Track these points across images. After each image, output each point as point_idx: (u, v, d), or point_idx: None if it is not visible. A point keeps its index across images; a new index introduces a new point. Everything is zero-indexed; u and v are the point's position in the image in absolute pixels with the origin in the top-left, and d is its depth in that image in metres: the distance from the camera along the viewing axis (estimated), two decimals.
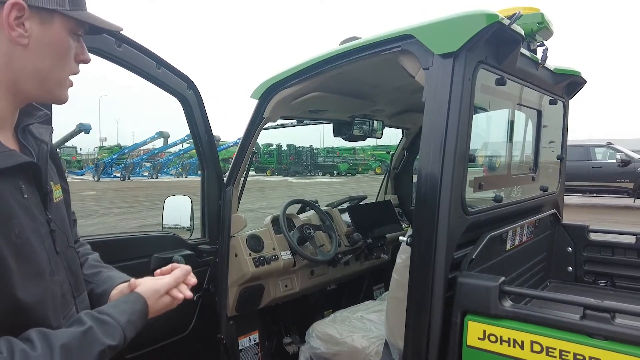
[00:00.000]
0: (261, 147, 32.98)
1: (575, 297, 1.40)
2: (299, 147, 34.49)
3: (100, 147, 41.14)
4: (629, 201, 12.91)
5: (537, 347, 1.35)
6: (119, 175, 26.91)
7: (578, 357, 1.27)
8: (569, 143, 2.70)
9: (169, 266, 1.07)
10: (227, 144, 25.25)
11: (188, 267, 1.06)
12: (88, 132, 22.42)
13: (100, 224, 10.75)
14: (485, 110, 2.31)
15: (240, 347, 2.43)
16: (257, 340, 2.53)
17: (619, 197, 12.94)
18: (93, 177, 26.83)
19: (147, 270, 1.83)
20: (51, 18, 0.82)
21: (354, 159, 36.26)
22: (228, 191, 2.21)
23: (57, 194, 0.95)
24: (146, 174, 28.44)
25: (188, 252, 1.93)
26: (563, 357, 1.29)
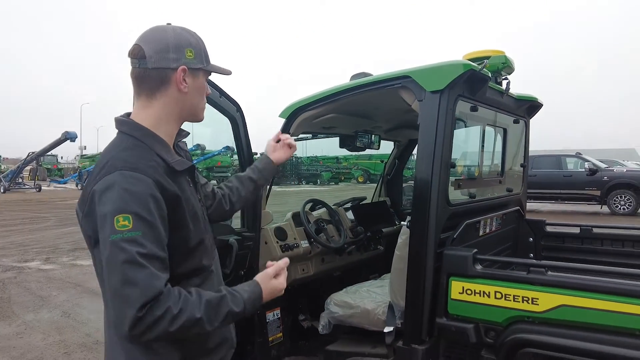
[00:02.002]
0: None
1: (523, 260, 2.01)
2: None
3: (82, 156, 40.82)
4: (597, 207, 13.86)
5: (498, 295, 1.95)
6: None
7: (525, 298, 1.87)
8: (542, 153, 3.36)
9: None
10: (212, 153, 25.20)
11: (286, 260, 1.41)
12: (74, 141, 22.46)
13: None
14: (465, 127, 2.93)
15: (267, 320, 2.97)
16: (280, 316, 3.07)
17: (588, 204, 13.88)
18: (77, 186, 26.82)
19: None
20: (198, 73, 1.29)
21: (337, 167, 36.92)
22: (260, 191, 2.77)
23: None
24: None
25: (237, 237, 2.48)
26: (515, 299, 1.89)
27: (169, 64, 1.25)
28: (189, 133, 1.51)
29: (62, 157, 40.40)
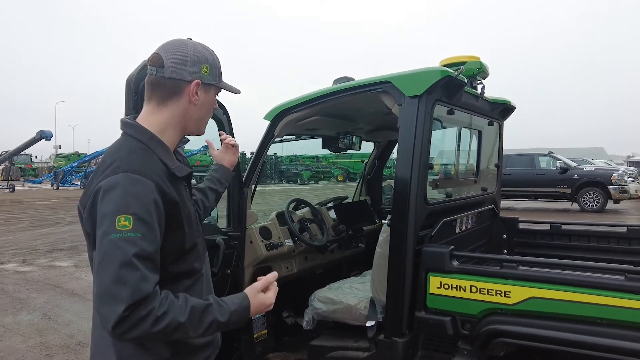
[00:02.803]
0: None
1: (496, 255, 2.14)
2: None
3: (57, 155, 39.89)
4: (567, 204, 14.33)
5: (474, 289, 2.07)
6: (79, 183, 26.42)
7: (498, 292, 1.99)
8: (517, 152, 3.51)
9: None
10: (190, 152, 24.83)
11: (275, 273, 1.40)
12: (49, 140, 21.96)
13: (72, 231, 10.92)
14: (442, 129, 3.06)
15: (252, 317, 3.03)
16: (264, 313, 3.15)
17: (559, 201, 14.34)
18: (52, 186, 26.22)
19: None
20: (210, 88, 1.35)
21: (316, 166, 37.04)
22: (245, 191, 2.84)
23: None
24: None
25: (223, 236, 2.54)
26: (489, 293, 2.02)
27: (184, 76, 1.30)
28: (188, 140, 1.56)
29: (36, 157, 39.44)
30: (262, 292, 1.35)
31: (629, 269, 1.80)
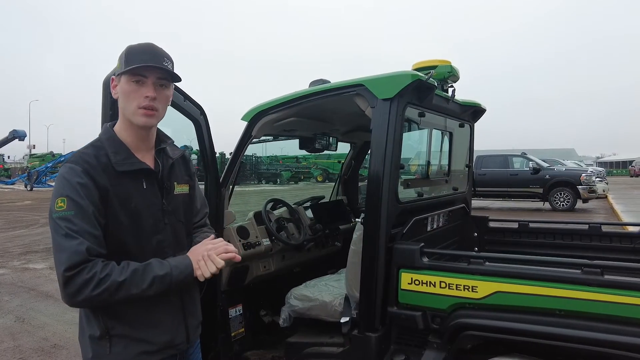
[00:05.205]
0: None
1: (463, 252, 2.23)
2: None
3: (31, 155, 38.89)
4: (539, 204, 14.72)
5: (443, 285, 2.15)
6: (53, 184, 25.82)
7: (465, 287, 2.08)
8: (491, 153, 3.63)
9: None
10: None
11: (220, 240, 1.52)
12: (23, 139, 21.45)
13: (47, 233, 10.70)
14: (414, 130, 3.15)
15: (230, 316, 3.08)
16: (242, 312, 3.18)
17: (532, 201, 14.73)
18: (26, 187, 25.57)
19: None
20: (120, 78, 1.46)
21: (296, 167, 37.09)
22: (222, 192, 2.88)
23: (179, 189, 1.59)
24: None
25: None
26: (457, 288, 2.11)
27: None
28: (173, 141, 1.64)
29: (9, 157, 38.39)
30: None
31: (585, 263, 1.91)
